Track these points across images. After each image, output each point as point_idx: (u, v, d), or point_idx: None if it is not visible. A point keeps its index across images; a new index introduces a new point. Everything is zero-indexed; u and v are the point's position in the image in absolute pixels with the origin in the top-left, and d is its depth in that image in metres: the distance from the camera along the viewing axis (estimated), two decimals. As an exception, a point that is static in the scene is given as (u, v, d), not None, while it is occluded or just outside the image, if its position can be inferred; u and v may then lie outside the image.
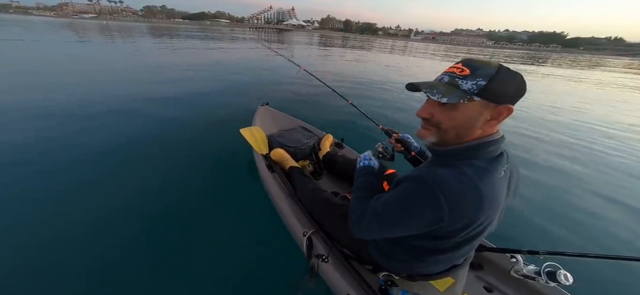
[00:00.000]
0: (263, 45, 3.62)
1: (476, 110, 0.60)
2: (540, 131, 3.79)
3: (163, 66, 6.75)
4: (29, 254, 1.31)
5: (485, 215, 0.60)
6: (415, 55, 18.36)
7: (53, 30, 17.07)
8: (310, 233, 1.15)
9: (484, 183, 0.58)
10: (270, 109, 2.48)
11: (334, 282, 1.02)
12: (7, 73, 4.94)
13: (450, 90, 0.61)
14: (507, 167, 0.66)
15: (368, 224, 0.73)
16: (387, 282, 0.93)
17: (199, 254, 1.38)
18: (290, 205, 1.34)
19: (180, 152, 2.41)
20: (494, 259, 1.11)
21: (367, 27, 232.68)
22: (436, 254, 0.73)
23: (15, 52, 7.72)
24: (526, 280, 0.99)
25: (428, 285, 0.93)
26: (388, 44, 38.16)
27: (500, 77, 0.57)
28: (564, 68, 17.74)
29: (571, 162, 2.82)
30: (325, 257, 1.05)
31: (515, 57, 28.44)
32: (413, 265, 0.81)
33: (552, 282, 0.88)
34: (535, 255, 0.96)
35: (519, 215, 1.83)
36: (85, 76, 5.07)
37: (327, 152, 1.81)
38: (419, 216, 0.62)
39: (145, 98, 3.92)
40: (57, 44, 10.07)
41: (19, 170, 1.97)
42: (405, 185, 0.65)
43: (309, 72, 2.20)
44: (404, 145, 1.10)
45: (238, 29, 75.35)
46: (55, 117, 2.98)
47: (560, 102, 6.02)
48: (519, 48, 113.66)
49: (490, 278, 1.08)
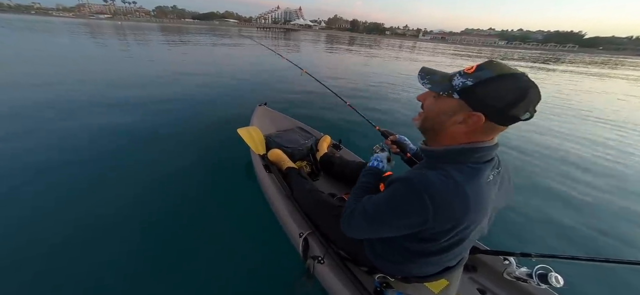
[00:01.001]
0: (266, 46, 3.58)
1: (450, 107, 0.61)
2: (539, 131, 3.84)
3: (164, 65, 6.72)
4: (29, 255, 1.31)
5: (471, 219, 0.61)
6: (422, 54, 18.20)
7: (72, 33, 15.84)
8: (306, 234, 1.15)
9: (470, 186, 0.58)
10: (268, 109, 2.48)
11: (330, 283, 1.02)
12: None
13: (441, 82, 0.63)
14: (497, 172, 0.66)
15: (357, 221, 0.75)
16: (382, 283, 0.94)
17: (194, 254, 1.38)
18: (287, 206, 1.34)
19: (177, 152, 2.40)
20: (488, 261, 1.13)
21: (375, 27, 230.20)
22: (427, 256, 0.74)
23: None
24: (518, 282, 1.01)
25: (422, 287, 0.94)
26: (395, 44, 37.38)
27: (495, 84, 0.54)
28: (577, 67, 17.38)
29: (567, 162, 2.85)
30: (321, 258, 1.06)
31: (527, 57, 27.38)
32: (406, 266, 0.82)
33: (544, 284, 0.89)
34: (527, 258, 0.98)
35: (512, 218, 1.85)
36: (77, 76, 5.03)
37: (324, 153, 1.81)
38: (405, 217, 0.63)
39: (143, 96, 3.91)
40: (64, 47, 9.96)
41: (20, 169, 1.96)
42: (395, 186, 0.66)
43: (310, 75, 2.20)
44: (399, 147, 1.11)
45: (245, 29, 74.90)
46: (44, 116, 2.95)
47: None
48: (533, 48, 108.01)
49: (484, 280, 1.09)
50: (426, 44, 52.44)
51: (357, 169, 1.57)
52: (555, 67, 15.07)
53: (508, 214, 1.84)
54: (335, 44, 19.55)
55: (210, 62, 7.90)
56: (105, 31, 19.54)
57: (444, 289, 0.94)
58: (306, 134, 2.10)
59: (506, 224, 1.76)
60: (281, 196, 1.41)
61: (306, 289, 1.07)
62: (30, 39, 11.08)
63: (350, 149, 2.02)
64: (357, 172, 1.56)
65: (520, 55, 31.15)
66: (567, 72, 12.54)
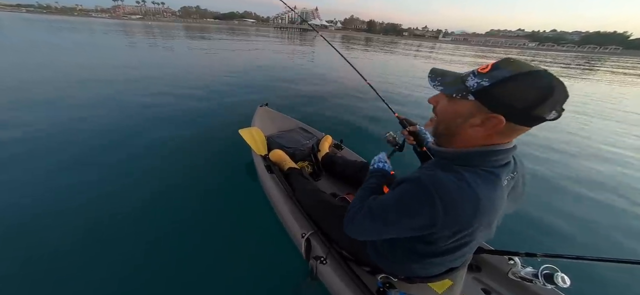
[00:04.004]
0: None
1: (466, 109, 0.57)
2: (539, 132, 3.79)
3: (174, 67, 6.74)
4: (37, 253, 1.32)
5: (479, 222, 0.58)
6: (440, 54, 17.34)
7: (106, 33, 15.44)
8: (308, 234, 1.14)
9: (482, 190, 0.55)
10: (269, 110, 2.48)
11: (332, 283, 1.02)
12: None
13: (454, 83, 0.59)
14: (512, 176, 0.63)
15: (361, 220, 0.72)
16: (385, 284, 0.93)
17: (197, 254, 1.38)
18: (289, 206, 1.34)
19: (179, 153, 2.40)
20: (492, 261, 1.11)
21: (392, 27, 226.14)
22: (431, 257, 0.73)
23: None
24: (524, 282, 0.99)
25: (426, 287, 0.93)
26: (413, 45, 34.85)
27: (513, 83, 0.50)
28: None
29: (573, 162, 2.82)
30: (324, 258, 1.05)
31: (560, 60, 24.91)
32: (410, 267, 0.81)
33: (550, 284, 0.88)
34: (533, 258, 0.96)
35: (517, 217, 1.82)
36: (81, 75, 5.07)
37: (326, 153, 1.81)
38: (413, 217, 0.60)
39: (146, 97, 3.92)
40: (92, 49, 10.00)
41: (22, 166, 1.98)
42: (404, 185, 0.63)
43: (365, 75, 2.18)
44: (417, 138, 1.01)
45: (263, 29, 74.66)
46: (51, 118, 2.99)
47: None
48: (568, 50, 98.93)
49: (488, 280, 1.08)
50: (446, 45, 49.61)
51: (359, 169, 1.57)
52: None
53: (513, 213, 1.81)
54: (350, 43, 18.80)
55: (219, 63, 7.90)
56: (135, 31, 19.94)
57: (447, 289, 0.93)
58: (307, 134, 2.09)
59: (512, 223, 1.74)
60: (283, 196, 1.40)
61: (311, 291, 1.06)
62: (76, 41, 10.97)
63: (352, 149, 2.02)
64: (358, 172, 1.56)
65: (551, 59, 27.94)
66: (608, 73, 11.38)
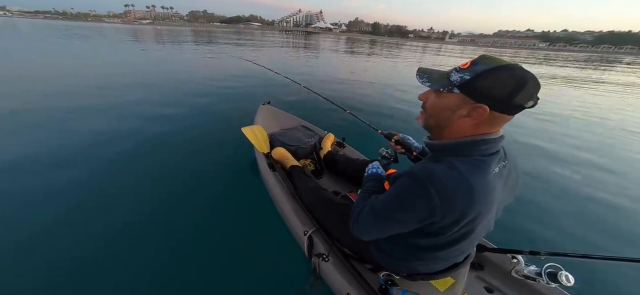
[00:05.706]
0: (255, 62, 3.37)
1: (453, 102, 0.62)
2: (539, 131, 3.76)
3: (179, 69, 6.76)
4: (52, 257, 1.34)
5: (477, 211, 0.61)
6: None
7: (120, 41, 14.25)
8: (310, 232, 1.15)
9: (474, 177, 0.59)
10: (272, 108, 2.48)
11: (334, 281, 1.02)
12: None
13: (440, 79, 0.65)
14: (504, 165, 0.66)
15: (364, 219, 0.75)
16: (387, 281, 0.93)
17: (200, 252, 1.39)
18: (291, 204, 1.34)
19: (182, 151, 2.42)
20: (495, 259, 1.11)
21: (397, 29, 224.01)
22: (434, 251, 0.74)
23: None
24: (527, 281, 0.99)
25: (428, 285, 0.93)
26: (419, 48, 33.08)
27: (492, 76, 0.55)
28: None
29: (577, 160, 2.79)
30: (326, 256, 1.06)
31: (572, 59, 23.56)
32: (413, 264, 0.82)
33: (553, 283, 0.87)
34: (536, 256, 0.96)
35: (520, 215, 1.81)
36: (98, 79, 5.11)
37: (328, 152, 1.81)
38: (412, 210, 0.63)
39: (149, 98, 3.96)
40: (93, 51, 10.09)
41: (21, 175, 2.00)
42: (400, 181, 0.67)
43: (308, 88, 2.19)
44: (404, 146, 1.11)
45: (268, 32, 74.28)
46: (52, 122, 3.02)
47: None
48: (581, 50, 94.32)
49: (491, 278, 1.07)
50: (453, 47, 48.25)
51: (361, 167, 1.56)
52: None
53: (516, 211, 1.80)
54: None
55: (222, 65, 7.91)
56: (146, 36, 20.10)
57: (450, 286, 0.93)
58: (310, 132, 2.09)
59: (514, 221, 1.73)
60: (285, 194, 1.41)
61: (313, 288, 1.07)
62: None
63: (354, 147, 2.01)
64: (361, 170, 1.55)
65: (563, 59, 26.24)
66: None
